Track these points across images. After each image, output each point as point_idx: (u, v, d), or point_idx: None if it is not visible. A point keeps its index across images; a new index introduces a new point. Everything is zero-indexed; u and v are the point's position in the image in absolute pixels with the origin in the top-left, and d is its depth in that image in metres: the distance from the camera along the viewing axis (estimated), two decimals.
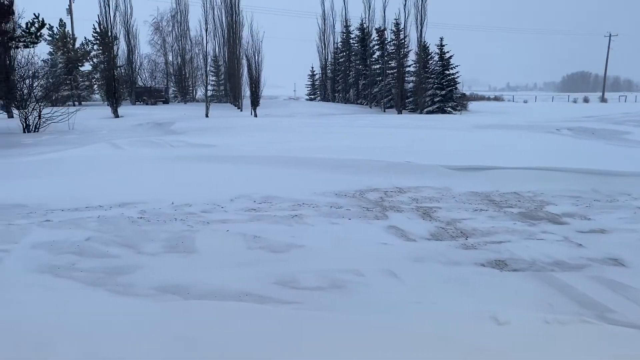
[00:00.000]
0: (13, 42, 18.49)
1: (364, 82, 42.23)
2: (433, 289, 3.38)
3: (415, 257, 3.98)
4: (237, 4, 38.68)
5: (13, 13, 18.01)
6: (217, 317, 2.68)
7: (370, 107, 39.77)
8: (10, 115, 22.29)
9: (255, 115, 27.36)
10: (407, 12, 36.48)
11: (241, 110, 33.76)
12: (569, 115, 25.25)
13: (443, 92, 34.30)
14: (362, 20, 42.24)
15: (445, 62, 34.68)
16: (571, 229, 4.80)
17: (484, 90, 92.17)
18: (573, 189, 6.57)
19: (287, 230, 4.67)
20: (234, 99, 39.04)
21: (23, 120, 18.14)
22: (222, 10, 40.11)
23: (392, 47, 38.29)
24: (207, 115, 26.81)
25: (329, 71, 48.19)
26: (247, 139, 12.53)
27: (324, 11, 46.55)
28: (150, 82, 43.64)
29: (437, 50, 34.92)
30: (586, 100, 53.12)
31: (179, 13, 43.37)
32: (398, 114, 33.42)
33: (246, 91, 35.31)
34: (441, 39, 34.48)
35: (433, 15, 37.83)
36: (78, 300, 3.06)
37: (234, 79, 39.50)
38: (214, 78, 46.49)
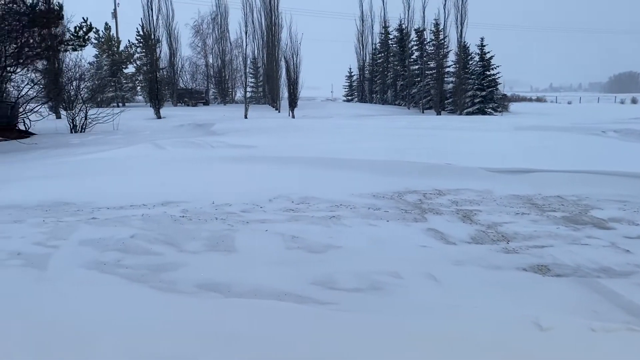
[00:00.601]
0: (62, 45, 19.19)
1: (402, 82, 41.91)
2: (473, 293, 3.34)
3: (455, 261, 3.94)
4: (276, 6, 39.06)
5: (62, 18, 18.70)
6: (257, 316, 2.73)
7: (409, 108, 39.43)
8: (58, 116, 23.15)
9: (293, 117, 27.53)
10: (447, 12, 35.99)
11: (279, 112, 34.02)
12: (615, 116, 24.37)
13: (483, 93, 33.70)
14: (400, 21, 41.94)
15: (485, 62, 34.07)
16: (618, 235, 4.65)
17: (526, 91, 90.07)
18: (620, 193, 6.35)
19: (324, 231, 4.69)
20: (272, 100, 39.40)
21: (70, 120, 18.82)
22: (262, 12, 40.53)
23: (432, 48, 37.89)
24: (246, 117, 27.16)
25: (366, 72, 48.04)
26: (285, 140, 12.64)
27: (362, 12, 46.40)
28: (191, 84, 44.52)
29: (478, 51, 34.34)
30: (634, 101, 51.12)
31: (219, 16, 44.08)
32: (437, 115, 33.01)
33: (284, 93, 35.61)
34: (482, 39, 33.88)
35: (473, 14, 37.23)
36: (123, 296, 3.16)
37: (272, 80, 39.91)
38: (252, 80, 47.04)
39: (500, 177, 7.36)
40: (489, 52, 33.96)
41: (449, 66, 37.55)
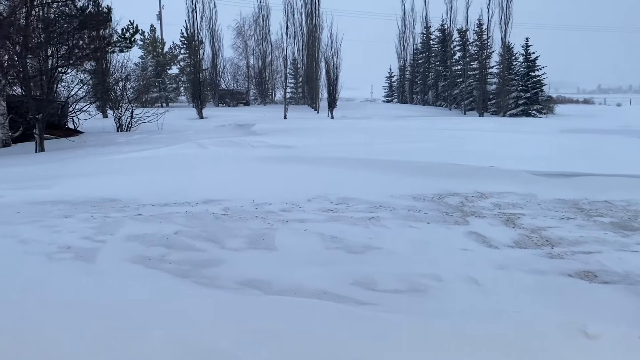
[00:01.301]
0: (110, 47, 19.82)
1: (443, 83, 41.39)
2: (516, 298, 3.27)
3: (497, 265, 3.87)
4: (317, 7, 39.24)
5: (111, 20, 19.31)
6: (297, 313, 2.75)
7: (450, 110, 38.91)
8: (105, 115, 23.95)
9: (332, 117, 27.60)
10: (490, 12, 35.36)
11: (318, 112, 34.16)
12: None
13: (528, 95, 32.91)
14: (443, 21, 41.45)
15: (530, 63, 33.27)
16: None
17: (572, 92, 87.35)
18: None
19: (364, 232, 4.69)
20: (312, 101, 39.59)
21: (116, 120, 19.43)
22: (303, 13, 40.82)
23: (474, 48, 37.29)
24: (285, 117, 27.40)
25: (407, 72, 47.65)
26: (324, 141, 12.68)
27: (404, 12, 46.09)
28: (232, 85, 45.22)
29: (522, 51, 33.57)
30: None
31: (260, 17, 44.63)
32: (479, 116, 32.45)
33: (323, 93, 35.76)
34: (527, 39, 33.10)
35: (518, 14, 36.39)
36: (167, 290, 3.24)
37: (311, 81, 40.11)
38: (292, 80, 47.41)
39: (544, 180, 7.17)
40: (534, 53, 33.15)
41: (492, 67, 36.88)
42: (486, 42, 36.04)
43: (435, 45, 43.63)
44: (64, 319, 2.59)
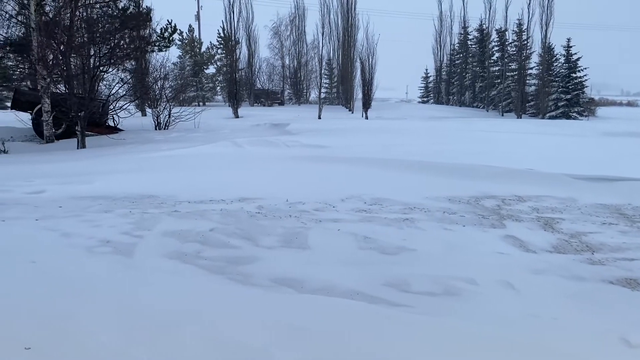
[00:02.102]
0: (149, 46, 20.25)
1: (481, 84, 40.72)
2: (553, 304, 3.19)
3: (534, 270, 3.78)
4: (353, 7, 39.18)
5: (151, 20, 19.73)
6: (329, 313, 2.75)
7: (487, 111, 38.24)
8: (144, 114, 24.47)
9: (367, 118, 27.50)
10: (531, 11, 34.60)
11: (352, 113, 34.11)
12: None
13: (568, 96, 32.03)
14: (481, 21, 40.79)
15: (572, 64, 32.38)
16: None
17: (616, 94, 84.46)
18: None
19: (398, 233, 4.65)
20: (346, 101, 39.54)
21: (155, 118, 19.85)
22: (339, 13, 40.86)
23: (513, 49, 36.55)
24: (319, 117, 27.46)
25: (444, 73, 47.09)
26: (359, 141, 12.65)
27: (441, 12, 45.56)
28: (267, 85, 45.59)
29: (563, 52, 32.70)
30: None
31: (297, 17, 44.86)
32: (517, 118, 31.77)
33: (358, 93, 35.68)
34: (568, 39, 32.24)
35: (560, 14, 35.51)
36: (202, 286, 3.29)
37: (346, 81, 40.07)
38: (327, 81, 47.48)
39: (585, 184, 6.97)
40: (575, 54, 32.25)
41: (531, 68, 36.09)
42: (526, 42, 35.27)
43: (473, 46, 42.96)
44: (102, 312, 2.66)
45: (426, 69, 51.15)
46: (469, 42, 43.70)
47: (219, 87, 45.13)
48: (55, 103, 14.90)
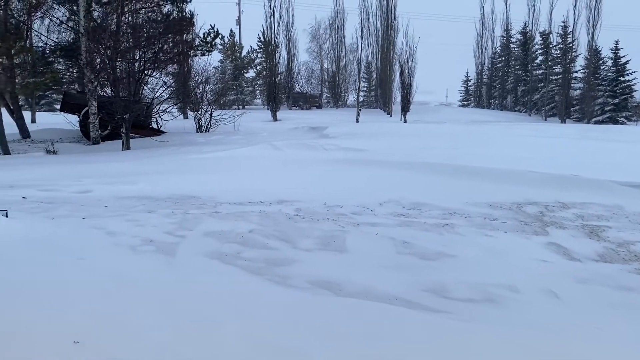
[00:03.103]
0: (192, 51, 20.69)
1: (523, 88, 39.84)
2: (597, 314, 3.10)
3: (578, 278, 3.67)
4: (393, 10, 39.01)
5: (193, 25, 20.17)
6: (368, 317, 2.75)
7: (529, 115, 37.36)
8: (186, 117, 24.98)
9: (405, 121, 27.30)
10: (577, 13, 33.66)
11: (391, 116, 33.92)
12: None
13: (615, 101, 30.97)
14: (524, 24, 39.93)
15: (620, 67, 31.29)
16: None
17: None
18: None
19: (437, 239, 4.60)
20: (384, 104, 39.36)
21: (197, 121, 20.25)
22: (378, 16, 40.76)
23: (558, 52, 35.60)
24: (357, 120, 27.43)
25: (485, 76, 46.28)
26: (397, 144, 12.57)
27: (483, 15, 44.83)
28: (306, 88, 45.85)
29: (611, 54, 31.63)
30: None
31: (336, 21, 44.98)
32: (561, 123, 30.90)
33: (397, 97, 35.46)
34: (616, 42, 31.19)
35: (608, 16, 34.32)
36: (241, 286, 3.34)
37: (385, 84, 39.90)
38: (365, 84, 47.39)
39: (633, 191, 6.72)
40: (624, 56, 31.13)
41: (576, 71, 35.09)
42: (571, 45, 34.30)
43: (516, 49, 42.09)
44: (146, 309, 2.73)
45: (467, 72, 50.45)
46: (512, 45, 42.83)
47: (258, 91, 45.67)
48: (101, 106, 15.41)
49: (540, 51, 38.34)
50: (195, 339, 2.37)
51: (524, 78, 39.90)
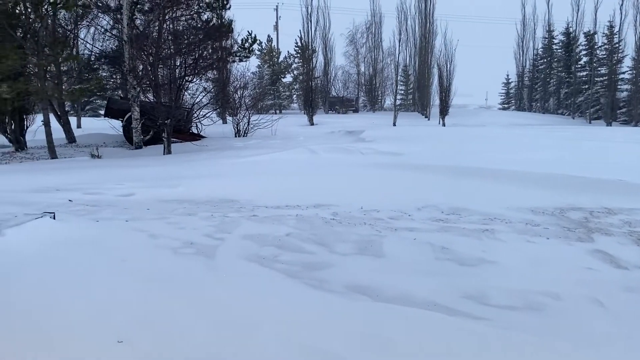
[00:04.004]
0: (231, 57, 21.06)
1: (566, 90, 38.76)
2: None
3: (626, 287, 3.54)
4: (431, 13, 38.69)
5: (232, 31, 20.53)
6: (406, 323, 2.72)
7: (573, 118, 36.31)
8: (225, 122, 25.42)
9: (444, 124, 26.97)
10: (623, 13, 32.56)
11: (428, 119, 33.59)
12: None
13: None
14: (567, 24, 38.88)
15: None
16: None
17: None
18: None
19: (477, 244, 4.52)
20: (422, 107, 39.00)
21: (235, 125, 20.57)
22: (416, 19, 40.50)
23: (603, 52, 34.48)
24: (394, 124, 27.26)
25: (526, 79, 45.26)
26: (435, 148, 12.43)
27: (524, 16, 43.89)
28: (342, 92, 45.90)
29: None
30: None
31: (373, 25, 44.91)
32: (607, 125, 29.90)
33: (435, 100, 35.09)
34: None
35: None
36: (279, 289, 3.36)
37: (423, 88, 39.54)
38: (402, 87, 47.10)
39: None
40: None
41: (623, 72, 33.85)
42: (617, 45, 33.16)
43: (558, 50, 41.00)
44: (187, 310, 2.79)
45: (507, 75, 49.47)
46: (554, 47, 41.75)
47: (295, 95, 46.00)
48: (143, 111, 15.84)
49: (584, 52, 37.24)
50: (234, 339, 2.40)
51: (567, 80, 38.83)
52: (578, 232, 4.97)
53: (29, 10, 14.40)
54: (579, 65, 37.65)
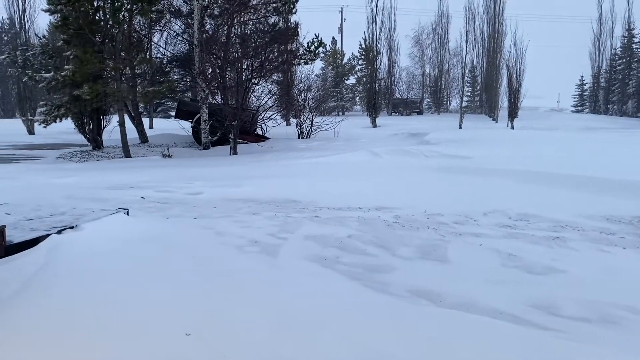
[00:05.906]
0: (296, 59, 21.34)
1: None
2: None
3: None
4: (500, 13, 37.56)
5: (298, 35, 20.79)
6: (471, 330, 2.66)
7: None
8: (288, 123, 25.79)
9: (512, 127, 26.07)
10: None
11: (496, 122, 32.56)
12: None
13: None
14: None
15: None
16: None
17: None
18: None
19: (546, 252, 4.34)
20: (490, 109, 37.89)
21: (298, 127, 20.82)
22: (484, 19, 39.44)
23: None
24: (460, 126, 26.64)
25: (602, 80, 42.92)
26: (503, 152, 12.02)
27: (600, 14, 41.64)
28: (406, 94, 45.39)
29: None
30: None
31: (440, 25, 44.15)
32: None
33: (503, 102, 33.98)
34: None
35: None
36: (340, 290, 3.37)
37: (490, 89, 38.40)
38: (469, 89, 45.99)
39: None
40: None
41: None
42: None
43: (639, 50, 38.60)
44: (252, 307, 2.85)
45: (581, 76, 47.14)
46: (634, 46, 39.35)
47: (357, 97, 45.96)
48: (212, 113, 16.36)
49: None
50: (295, 338, 2.43)
51: None
52: None
53: (108, 16, 15.25)
54: None
